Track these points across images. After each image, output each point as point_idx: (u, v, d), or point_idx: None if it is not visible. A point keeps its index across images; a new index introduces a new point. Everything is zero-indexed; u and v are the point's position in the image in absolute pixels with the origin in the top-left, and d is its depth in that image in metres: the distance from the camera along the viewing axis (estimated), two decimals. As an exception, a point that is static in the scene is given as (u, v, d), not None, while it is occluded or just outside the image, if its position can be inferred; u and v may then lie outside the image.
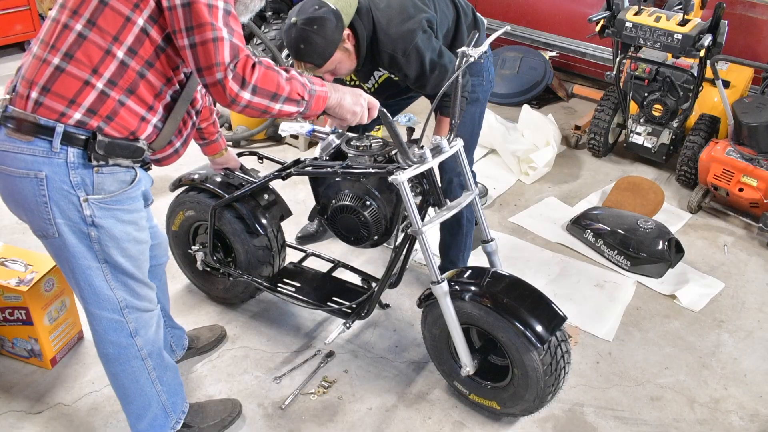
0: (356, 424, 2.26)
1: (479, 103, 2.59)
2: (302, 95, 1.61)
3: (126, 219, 1.69)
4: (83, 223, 1.62)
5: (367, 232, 2.26)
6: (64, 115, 1.53)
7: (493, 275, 2.15)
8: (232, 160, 2.43)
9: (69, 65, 1.51)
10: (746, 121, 3.24)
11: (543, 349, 2.01)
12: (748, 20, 4.18)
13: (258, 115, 1.58)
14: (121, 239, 1.69)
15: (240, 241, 2.48)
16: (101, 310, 1.76)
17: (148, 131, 1.65)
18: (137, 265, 1.77)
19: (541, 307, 2.04)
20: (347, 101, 1.74)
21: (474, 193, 2.21)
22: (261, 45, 4.34)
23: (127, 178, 1.66)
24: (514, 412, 2.20)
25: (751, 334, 2.74)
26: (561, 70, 5.18)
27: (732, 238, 3.37)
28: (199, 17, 1.46)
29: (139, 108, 1.60)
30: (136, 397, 1.93)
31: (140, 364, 1.87)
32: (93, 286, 1.72)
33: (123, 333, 1.80)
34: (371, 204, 2.23)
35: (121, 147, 1.60)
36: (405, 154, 1.98)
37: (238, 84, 1.50)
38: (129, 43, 1.52)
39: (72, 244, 1.65)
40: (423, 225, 2.03)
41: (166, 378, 1.97)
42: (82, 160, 1.57)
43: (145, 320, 1.84)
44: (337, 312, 2.39)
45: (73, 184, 1.57)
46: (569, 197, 3.70)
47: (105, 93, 1.53)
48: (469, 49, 2.00)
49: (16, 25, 5.25)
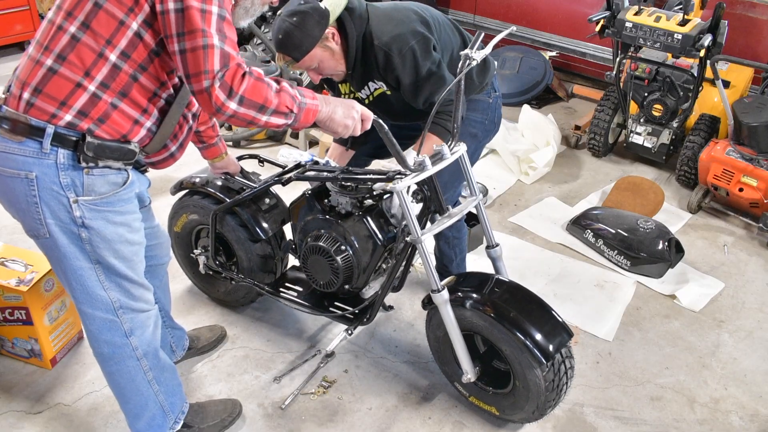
0: (356, 424, 2.26)
1: (476, 140, 2.43)
2: (291, 108, 1.60)
3: (117, 221, 1.68)
4: (73, 224, 1.62)
5: (336, 279, 2.23)
6: (55, 116, 1.53)
7: (498, 283, 2.11)
8: (231, 165, 2.41)
9: (61, 67, 1.51)
10: (746, 121, 3.24)
11: (547, 366, 1.97)
12: (748, 20, 4.18)
13: (244, 125, 1.57)
14: (112, 240, 1.68)
15: (242, 246, 2.47)
16: (94, 310, 1.75)
17: (141, 134, 1.64)
18: (131, 266, 1.75)
19: (547, 321, 2.00)
20: (338, 114, 1.71)
21: (477, 199, 2.16)
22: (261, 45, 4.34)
23: (118, 179, 1.65)
24: (513, 419, 2.20)
25: (751, 334, 2.74)
26: (561, 70, 5.19)
27: (732, 238, 3.37)
28: (192, 23, 1.45)
29: (132, 111, 1.59)
30: (132, 397, 1.93)
31: (135, 364, 1.86)
32: (85, 286, 1.71)
33: (117, 333, 1.80)
34: (346, 250, 2.19)
35: (111, 149, 1.59)
36: (403, 162, 1.94)
37: (225, 93, 1.48)
38: (122, 46, 1.52)
39: (63, 244, 1.64)
40: (422, 233, 1.99)
41: (164, 378, 1.96)
42: (71, 161, 1.56)
43: (140, 321, 1.83)
44: (340, 318, 2.35)
45: (62, 185, 1.57)
46: (569, 197, 3.70)
47: (96, 95, 1.53)
48: (472, 52, 1.95)
49: (16, 25, 5.25)
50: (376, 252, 2.22)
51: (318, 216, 2.26)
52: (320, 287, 2.32)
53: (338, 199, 2.22)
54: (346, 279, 2.23)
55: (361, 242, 2.18)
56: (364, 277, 2.26)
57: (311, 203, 2.30)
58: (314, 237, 2.25)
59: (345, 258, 2.20)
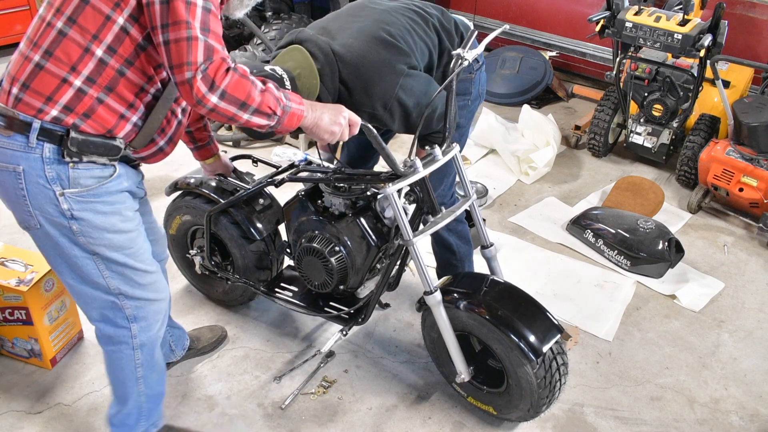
0: (356, 424, 2.26)
1: (460, 128, 2.32)
2: (274, 110, 1.58)
3: (107, 210, 1.68)
4: (63, 217, 1.63)
5: (330, 280, 2.23)
6: (41, 111, 1.54)
7: (490, 283, 2.11)
8: (223, 166, 2.41)
9: (48, 62, 1.52)
10: (746, 121, 3.24)
11: (537, 363, 1.98)
12: (748, 20, 4.18)
13: (225, 120, 1.56)
14: (105, 230, 1.68)
15: (237, 246, 2.47)
16: (95, 290, 1.76)
17: (127, 129, 1.64)
18: (130, 253, 1.75)
19: (537, 319, 2.01)
20: (324, 121, 1.70)
21: (471, 199, 2.15)
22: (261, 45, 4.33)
23: (104, 174, 1.66)
24: (510, 418, 2.20)
25: (751, 334, 2.74)
26: (561, 70, 5.18)
27: (732, 238, 3.37)
28: (176, 14, 1.45)
29: (118, 106, 1.60)
30: (117, 387, 1.92)
31: (130, 353, 1.85)
32: (82, 272, 1.72)
33: (119, 314, 1.80)
34: (340, 251, 2.18)
35: (96, 145, 1.60)
36: (393, 165, 1.92)
37: (207, 86, 1.48)
38: (108, 41, 1.53)
39: (55, 236, 1.66)
40: (415, 236, 1.98)
41: (151, 380, 1.94)
42: (56, 155, 1.58)
43: (147, 312, 1.83)
44: (335, 318, 2.35)
45: (48, 178, 1.59)
46: (569, 197, 3.70)
47: (82, 91, 1.54)
48: (464, 51, 1.93)
49: (16, 25, 5.24)
50: (370, 252, 2.22)
51: (311, 217, 2.26)
52: (315, 288, 2.32)
53: (331, 199, 2.21)
54: (340, 280, 2.23)
55: (355, 243, 2.18)
56: (359, 277, 2.25)
57: (304, 204, 2.30)
58: (308, 238, 2.25)
59: (339, 259, 2.19)
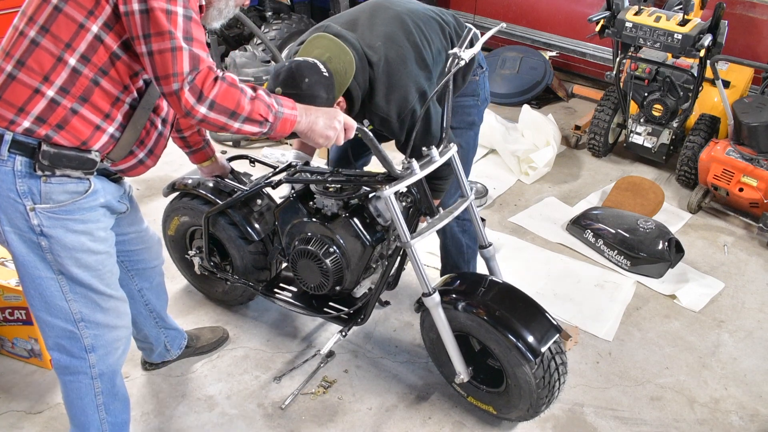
0: (356, 424, 2.26)
1: (475, 126, 2.39)
2: (266, 117, 1.55)
3: (78, 229, 1.62)
4: (32, 233, 1.58)
5: (326, 281, 2.21)
6: (13, 123, 1.50)
7: (488, 284, 2.11)
8: (220, 168, 2.39)
9: (20, 73, 1.48)
10: (746, 121, 3.24)
11: (535, 363, 1.98)
12: (748, 20, 4.18)
13: (216, 130, 1.54)
14: (74, 249, 1.62)
15: (235, 247, 2.46)
16: (54, 318, 1.69)
17: (103, 141, 1.59)
18: (98, 275, 1.69)
19: (535, 319, 2.00)
20: (319, 125, 1.65)
21: (470, 200, 2.14)
22: (261, 45, 4.32)
23: (79, 188, 1.60)
24: (510, 417, 2.20)
25: (751, 334, 2.74)
26: (561, 70, 5.18)
27: (732, 238, 3.37)
28: (158, 25, 1.41)
29: (93, 116, 1.55)
30: (77, 415, 1.85)
31: (89, 382, 1.79)
32: (44, 295, 1.66)
33: (76, 345, 1.73)
34: (334, 252, 2.17)
35: (69, 158, 1.54)
36: (390, 168, 1.91)
37: (195, 97, 1.45)
38: (82, 50, 1.48)
39: (22, 252, 1.60)
40: (412, 238, 1.97)
41: (114, 408, 1.88)
42: (28, 169, 1.53)
43: (107, 340, 1.77)
44: (335, 318, 2.34)
45: (19, 192, 1.54)
46: (569, 197, 3.70)
47: (55, 101, 1.50)
48: (461, 51, 1.92)
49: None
50: (365, 252, 2.21)
51: (304, 219, 2.24)
52: (311, 290, 2.31)
53: (323, 201, 2.20)
54: (336, 281, 2.22)
55: (349, 243, 2.17)
56: (355, 277, 2.24)
57: (296, 206, 2.27)
58: (302, 240, 2.23)
59: (334, 260, 2.18)
